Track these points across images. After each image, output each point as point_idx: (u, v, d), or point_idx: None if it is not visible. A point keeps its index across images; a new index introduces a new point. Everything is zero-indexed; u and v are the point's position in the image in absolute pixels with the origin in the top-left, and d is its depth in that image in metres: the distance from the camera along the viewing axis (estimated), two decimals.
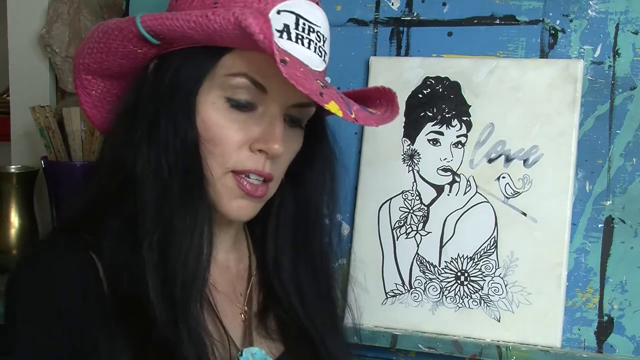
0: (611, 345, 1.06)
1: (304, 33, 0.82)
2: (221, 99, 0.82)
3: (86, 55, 0.87)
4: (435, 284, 1.13)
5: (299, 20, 0.81)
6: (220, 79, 0.81)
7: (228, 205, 0.84)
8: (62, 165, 1.42)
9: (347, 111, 0.78)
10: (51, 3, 1.55)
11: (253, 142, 0.82)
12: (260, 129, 0.82)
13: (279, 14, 0.80)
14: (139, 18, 0.80)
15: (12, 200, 1.48)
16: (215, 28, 0.76)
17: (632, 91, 1.08)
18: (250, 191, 0.83)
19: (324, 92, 0.77)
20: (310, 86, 0.76)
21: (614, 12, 1.10)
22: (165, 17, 0.79)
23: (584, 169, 1.09)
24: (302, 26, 0.81)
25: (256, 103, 0.82)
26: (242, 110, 0.82)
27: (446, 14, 1.18)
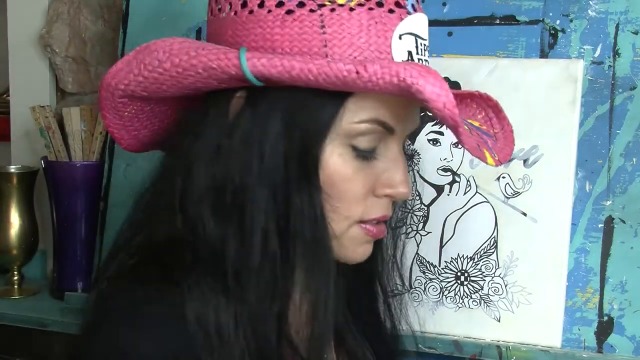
0: (611, 345, 1.06)
1: (423, 56, 0.74)
2: (347, 149, 0.71)
3: (133, 83, 0.72)
4: (435, 284, 1.13)
5: (417, 41, 0.73)
6: (347, 126, 0.70)
7: (354, 253, 0.77)
8: (62, 165, 1.42)
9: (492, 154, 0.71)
10: (51, 3, 1.55)
11: (378, 187, 0.74)
12: (384, 172, 0.74)
13: (401, 39, 0.71)
14: (245, 62, 0.66)
15: (12, 200, 1.48)
16: (367, 86, 0.66)
17: (632, 91, 1.08)
18: (377, 234, 0.77)
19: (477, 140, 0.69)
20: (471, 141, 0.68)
21: (614, 12, 1.10)
22: (290, 67, 0.66)
23: (584, 169, 1.09)
24: (421, 48, 0.73)
25: (378, 145, 0.73)
26: (365, 158, 0.73)
27: (446, 14, 1.18)
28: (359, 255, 0.78)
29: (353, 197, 0.73)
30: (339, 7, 0.69)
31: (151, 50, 0.71)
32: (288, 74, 0.66)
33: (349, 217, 0.74)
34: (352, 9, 0.69)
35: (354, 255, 0.77)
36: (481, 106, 0.84)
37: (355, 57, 0.69)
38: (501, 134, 0.82)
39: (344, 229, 0.74)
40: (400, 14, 0.71)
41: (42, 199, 1.53)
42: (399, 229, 0.90)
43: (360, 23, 0.69)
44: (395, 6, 0.71)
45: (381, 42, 0.70)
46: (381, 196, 0.74)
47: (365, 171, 0.73)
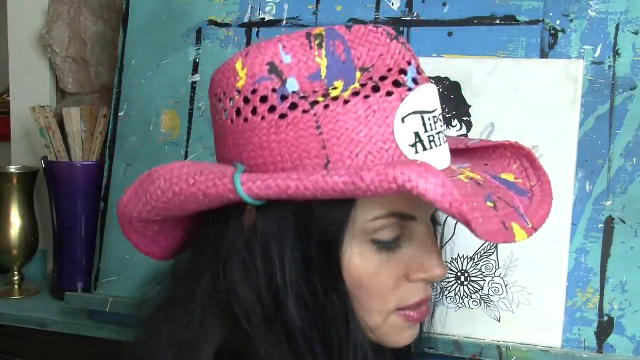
0: (611, 345, 1.06)
1: (433, 132, 0.69)
2: (366, 245, 0.69)
3: (144, 211, 0.71)
4: (435, 284, 1.12)
5: (424, 118, 0.69)
6: (362, 225, 0.68)
7: (400, 340, 0.75)
8: (62, 165, 1.42)
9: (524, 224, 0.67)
10: (51, 3, 1.55)
11: (410, 272, 0.72)
12: (415, 258, 0.71)
13: (404, 121, 0.67)
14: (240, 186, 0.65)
15: (12, 200, 1.48)
16: (367, 195, 0.63)
17: (632, 91, 1.08)
18: (419, 318, 0.74)
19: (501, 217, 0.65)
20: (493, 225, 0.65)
21: (614, 12, 1.10)
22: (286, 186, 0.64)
23: (584, 169, 1.09)
24: (429, 124, 0.69)
25: (401, 233, 0.71)
26: (390, 248, 0.70)
27: (446, 14, 1.18)
28: (405, 340, 0.75)
29: (382, 291, 0.71)
30: (332, 101, 0.67)
31: (153, 179, 0.70)
32: (285, 193, 0.64)
33: (382, 310, 0.72)
34: (346, 102, 0.67)
35: (400, 340, 0.75)
36: (515, 155, 0.79)
37: (357, 154, 0.66)
38: (538, 188, 0.76)
39: (381, 322, 0.72)
40: (400, 93, 0.68)
41: (42, 199, 1.53)
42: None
43: (357, 115, 0.66)
44: (393, 86, 0.68)
45: (383, 131, 0.67)
46: (415, 281, 0.72)
47: (391, 262, 0.71)
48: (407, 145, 0.67)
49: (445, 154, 0.72)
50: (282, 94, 0.67)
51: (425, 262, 0.72)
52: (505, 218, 0.67)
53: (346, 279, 0.69)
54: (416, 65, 0.72)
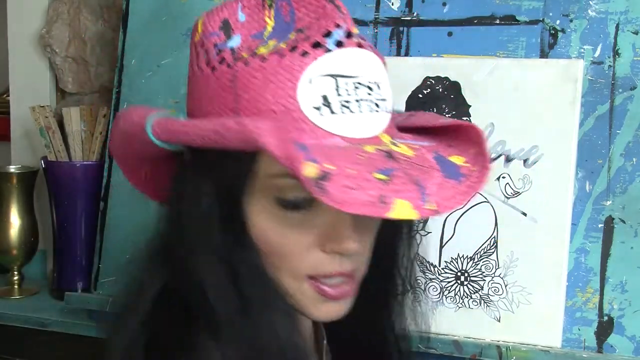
0: (611, 345, 1.06)
1: (349, 96, 0.67)
2: (272, 202, 0.69)
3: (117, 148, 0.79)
4: (435, 284, 1.13)
5: (339, 81, 0.67)
6: (264, 180, 0.68)
7: (316, 312, 0.73)
8: (62, 165, 1.42)
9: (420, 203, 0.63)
10: (51, 3, 1.55)
11: (324, 242, 0.70)
12: (327, 225, 0.69)
13: (311, 83, 0.66)
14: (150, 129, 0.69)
15: (12, 200, 1.48)
16: (233, 146, 0.64)
17: (632, 91, 1.08)
18: (335, 296, 0.71)
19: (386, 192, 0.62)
20: (366, 195, 0.61)
21: (614, 12, 1.10)
22: (178, 131, 0.67)
23: (584, 169, 1.09)
24: (344, 88, 0.67)
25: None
26: (299, 209, 0.69)
27: (446, 14, 1.18)
28: (323, 315, 0.73)
29: (292, 254, 0.70)
30: (252, 58, 0.68)
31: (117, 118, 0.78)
32: (176, 138, 0.68)
33: (295, 274, 0.71)
34: (264, 59, 0.67)
35: (318, 314, 0.73)
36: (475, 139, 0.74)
37: (262, 111, 0.66)
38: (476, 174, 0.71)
39: (295, 288, 0.71)
40: (316, 55, 0.67)
41: (42, 199, 1.53)
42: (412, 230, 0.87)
43: (266, 73, 0.67)
44: (312, 47, 0.68)
45: (288, 91, 0.66)
46: (329, 252, 0.70)
47: (301, 224, 0.69)
48: (310, 108, 0.66)
49: (370, 122, 0.68)
50: (220, 48, 0.71)
51: (338, 233, 0.69)
52: (391, 193, 0.62)
53: (253, 234, 0.69)
54: (347, 29, 0.71)
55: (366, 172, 0.63)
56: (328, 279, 0.71)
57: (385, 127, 0.70)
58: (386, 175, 0.64)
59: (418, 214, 0.63)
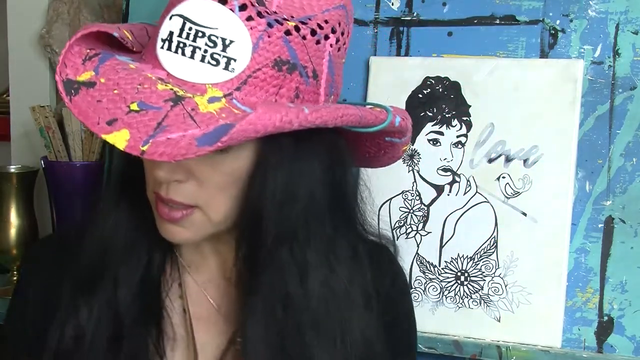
0: (611, 345, 1.06)
1: (187, 40, 0.73)
2: None
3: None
4: (435, 284, 1.13)
5: (185, 24, 0.73)
6: None
7: (161, 230, 0.80)
8: (62, 165, 1.42)
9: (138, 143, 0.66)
10: (51, 3, 1.55)
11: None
12: None
13: (171, 19, 0.74)
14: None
15: (12, 200, 1.48)
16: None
17: (632, 91, 1.08)
18: (164, 215, 0.78)
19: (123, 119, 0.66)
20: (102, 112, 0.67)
21: (614, 12, 1.10)
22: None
23: (584, 169, 1.09)
24: (187, 32, 0.73)
25: None
26: None
27: (446, 14, 1.18)
28: (164, 233, 0.81)
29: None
30: None
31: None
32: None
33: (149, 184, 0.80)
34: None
35: (162, 232, 0.81)
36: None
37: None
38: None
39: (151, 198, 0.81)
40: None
41: (42, 199, 1.53)
42: None
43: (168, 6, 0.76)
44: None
45: (161, 22, 0.76)
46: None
47: None
48: (160, 39, 0.74)
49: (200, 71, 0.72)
50: None
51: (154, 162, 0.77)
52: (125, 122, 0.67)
53: None
54: None
55: (127, 97, 0.69)
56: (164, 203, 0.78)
57: (221, 83, 0.73)
58: (142, 109, 0.68)
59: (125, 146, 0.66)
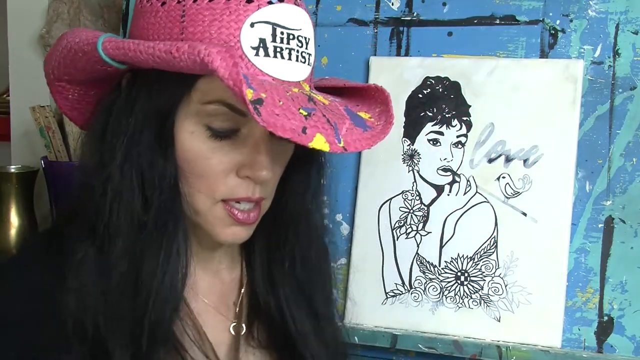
0: (611, 345, 1.06)
1: (282, 44, 0.76)
2: (200, 127, 0.77)
3: (55, 68, 0.82)
4: (435, 284, 1.13)
5: (276, 30, 0.75)
6: (197, 106, 0.76)
7: (223, 234, 0.81)
8: (62, 165, 1.42)
9: (334, 140, 0.72)
10: (51, 3, 1.55)
11: (239, 168, 0.78)
12: (245, 154, 0.78)
13: (253, 27, 0.74)
14: (100, 45, 0.75)
15: (12, 200, 1.48)
16: (182, 66, 0.71)
17: (632, 91, 1.08)
18: (243, 220, 0.80)
19: (307, 125, 0.71)
20: (291, 124, 0.70)
21: (614, 12, 1.10)
22: (129, 48, 0.73)
23: (584, 169, 1.09)
24: (280, 36, 0.76)
25: (238, 127, 0.78)
26: (224, 138, 0.77)
27: (446, 14, 1.18)
28: (229, 237, 0.82)
29: (210, 175, 0.78)
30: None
31: (62, 38, 0.81)
32: (127, 54, 0.74)
33: (210, 195, 0.79)
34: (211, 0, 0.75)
35: (223, 235, 0.81)
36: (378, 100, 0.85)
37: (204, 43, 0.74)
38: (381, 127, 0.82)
39: (208, 207, 0.79)
40: (259, 4, 0.75)
41: (42, 199, 1.53)
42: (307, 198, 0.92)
43: (214, 12, 0.75)
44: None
45: (232, 30, 0.74)
46: (243, 177, 0.79)
47: (224, 151, 0.78)
48: (249, 47, 0.74)
49: (296, 70, 0.77)
50: None
51: (252, 161, 0.78)
52: (311, 127, 0.72)
53: (177, 153, 0.77)
54: None
55: (292, 106, 0.72)
56: (238, 204, 0.80)
57: (306, 78, 0.79)
58: (307, 112, 0.73)
59: (330, 147, 0.72)
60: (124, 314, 0.77)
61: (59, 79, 0.84)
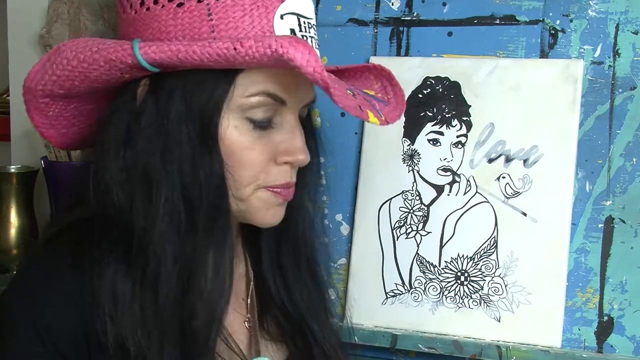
0: (611, 345, 1.06)
1: (307, 33, 0.80)
2: (242, 121, 0.79)
3: (49, 82, 0.80)
4: (435, 284, 1.13)
5: (300, 20, 0.79)
6: (239, 100, 0.78)
7: (265, 216, 0.84)
8: (62, 165, 1.42)
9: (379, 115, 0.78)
10: (51, 3, 1.55)
11: (278, 155, 0.81)
12: (282, 141, 0.81)
13: (282, 18, 0.78)
14: (138, 51, 0.75)
15: (12, 200, 1.48)
16: (244, 61, 0.74)
17: (632, 91, 1.08)
18: (285, 196, 0.83)
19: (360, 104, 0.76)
20: (351, 103, 0.75)
21: (614, 12, 1.10)
22: (177, 50, 0.74)
23: (584, 169, 1.09)
24: (304, 26, 0.80)
25: (274, 116, 0.81)
26: (263, 128, 0.80)
27: (446, 14, 1.18)
28: (270, 218, 0.84)
29: (254, 165, 0.80)
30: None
31: (61, 51, 0.78)
32: (176, 57, 0.74)
33: (253, 183, 0.81)
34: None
35: (265, 217, 0.84)
36: (377, 77, 0.92)
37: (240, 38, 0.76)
38: (394, 99, 0.91)
39: (249, 193, 0.81)
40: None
41: (42, 199, 1.53)
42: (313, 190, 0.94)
43: (243, 8, 0.77)
44: None
45: (264, 23, 0.77)
46: (281, 164, 0.82)
47: (263, 141, 0.80)
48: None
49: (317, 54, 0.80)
50: None
51: (291, 147, 0.81)
52: (362, 104, 0.78)
53: (222, 148, 0.78)
54: None
55: (343, 87, 0.77)
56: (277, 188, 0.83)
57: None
58: (352, 93, 0.78)
59: (380, 122, 0.79)
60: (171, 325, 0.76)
61: (48, 94, 0.82)
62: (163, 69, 0.77)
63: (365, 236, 1.17)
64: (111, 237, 0.77)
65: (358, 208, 1.18)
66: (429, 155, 1.15)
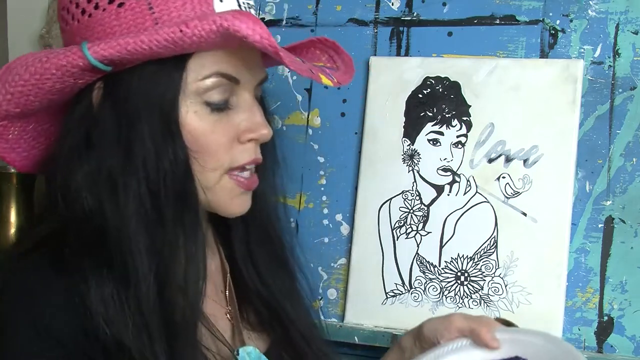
0: (611, 345, 1.06)
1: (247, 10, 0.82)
2: (201, 105, 0.80)
3: (4, 103, 0.79)
4: (435, 284, 1.13)
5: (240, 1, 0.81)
6: (193, 85, 0.79)
7: (231, 206, 0.84)
8: None
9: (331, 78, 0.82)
10: (51, 3, 1.55)
11: (241, 134, 0.82)
12: (243, 120, 0.82)
13: (222, 1, 0.79)
14: (87, 51, 0.75)
15: (12, 200, 1.48)
16: (194, 40, 0.74)
17: (632, 91, 1.08)
18: (249, 185, 0.84)
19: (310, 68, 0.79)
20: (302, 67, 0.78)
21: (614, 12, 1.10)
22: (125, 43, 0.74)
23: (584, 169, 1.09)
24: (244, 7, 0.82)
25: (230, 97, 0.81)
26: (221, 109, 0.81)
27: (446, 14, 1.18)
28: (236, 207, 0.85)
29: (218, 147, 0.81)
30: None
31: (11, 68, 0.78)
32: (125, 49, 0.74)
33: (218, 167, 0.81)
34: None
35: (232, 207, 0.85)
36: (323, 50, 0.94)
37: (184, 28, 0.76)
38: (342, 65, 0.93)
39: (216, 180, 0.82)
40: None
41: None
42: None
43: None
44: None
45: (205, 8, 0.78)
46: (245, 142, 0.82)
47: (223, 122, 0.81)
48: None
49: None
50: None
51: (252, 124, 0.82)
52: (313, 69, 0.81)
53: (184, 135, 0.79)
54: None
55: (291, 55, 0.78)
56: (241, 173, 0.83)
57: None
58: (301, 60, 0.80)
59: (332, 83, 0.82)
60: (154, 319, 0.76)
61: (4, 116, 0.81)
62: (115, 67, 0.77)
63: (365, 236, 1.17)
64: (87, 241, 0.77)
65: (358, 208, 1.18)
66: (429, 155, 1.15)
